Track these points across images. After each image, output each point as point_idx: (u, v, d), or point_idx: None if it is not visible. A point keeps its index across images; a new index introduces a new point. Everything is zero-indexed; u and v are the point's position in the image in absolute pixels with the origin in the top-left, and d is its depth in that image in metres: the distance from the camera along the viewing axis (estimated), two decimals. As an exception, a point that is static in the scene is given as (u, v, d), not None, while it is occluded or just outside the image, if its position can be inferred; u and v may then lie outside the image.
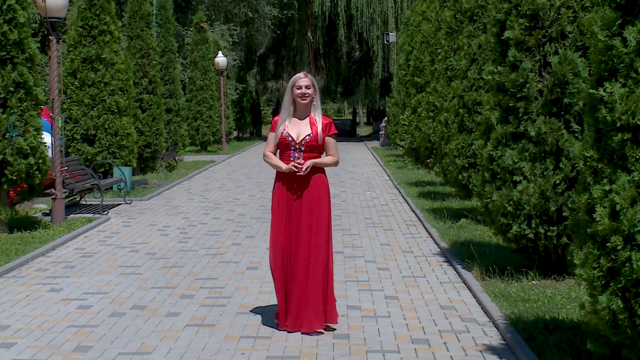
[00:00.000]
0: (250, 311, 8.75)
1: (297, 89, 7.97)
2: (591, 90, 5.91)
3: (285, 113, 8.05)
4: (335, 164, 8.18)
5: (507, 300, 8.86)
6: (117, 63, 20.02)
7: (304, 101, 7.96)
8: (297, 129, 7.98)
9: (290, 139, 7.95)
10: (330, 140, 8.05)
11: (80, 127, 19.81)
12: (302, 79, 7.99)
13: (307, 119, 8.03)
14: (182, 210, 17.54)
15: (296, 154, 7.93)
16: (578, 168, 8.92)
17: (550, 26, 9.69)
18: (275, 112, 55.24)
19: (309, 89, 7.97)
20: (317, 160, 7.96)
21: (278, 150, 8.11)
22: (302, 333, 7.81)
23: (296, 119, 8.04)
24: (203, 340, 7.74)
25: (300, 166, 7.84)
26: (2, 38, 13.45)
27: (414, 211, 16.86)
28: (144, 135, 24.26)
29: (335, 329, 7.98)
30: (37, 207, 17.43)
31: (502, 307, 8.58)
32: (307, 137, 7.93)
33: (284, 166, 7.90)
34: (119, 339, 7.81)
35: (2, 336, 7.87)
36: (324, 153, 8.11)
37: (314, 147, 7.97)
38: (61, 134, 18.18)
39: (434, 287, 10.03)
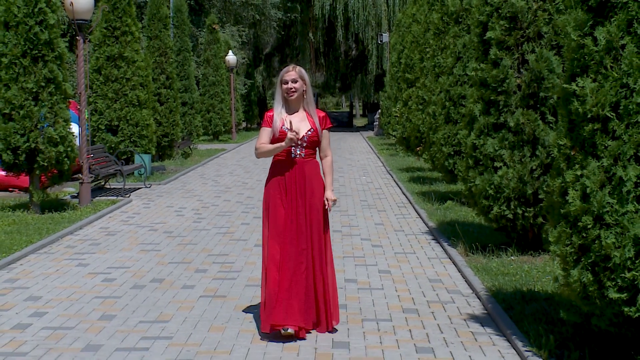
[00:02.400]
0: (258, 284, 8.76)
1: (284, 84, 6.86)
2: (565, 85, 5.89)
3: (279, 107, 6.93)
4: (332, 165, 7.12)
5: (489, 274, 8.87)
6: (138, 61, 20.03)
7: (291, 97, 6.84)
8: (295, 125, 6.83)
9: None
10: (325, 134, 7.01)
11: (105, 118, 19.86)
12: (289, 73, 6.85)
13: (302, 114, 6.93)
14: (196, 194, 17.54)
15: (297, 150, 6.84)
16: (552, 155, 8.90)
17: (527, 27, 9.67)
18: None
19: (296, 82, 6.82)
20: (329, 185, 6.95)
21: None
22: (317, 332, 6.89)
23: (289, 115, 6.92)
24: (215, 310, 7.75)
25: (295, 133, 6.75)
26: (34, 38, 13.45)
27: (404, 194, 16.86)
28: (162, 126, 24.28)
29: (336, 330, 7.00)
30: (66, 190, 17.44)
31: (484, 280, 8.59)
32: (309, 132, 6.84)
33: (284, 142, 6.75)
34: (139, 308, 7.81)
35: (35, 306, 7.88)
36: (320, 150, 7.08)
37: (315, 142, 6.90)
38: (87, 125, 18.16)
39: (422, 262, 10.03)
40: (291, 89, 6.82)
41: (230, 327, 7.14)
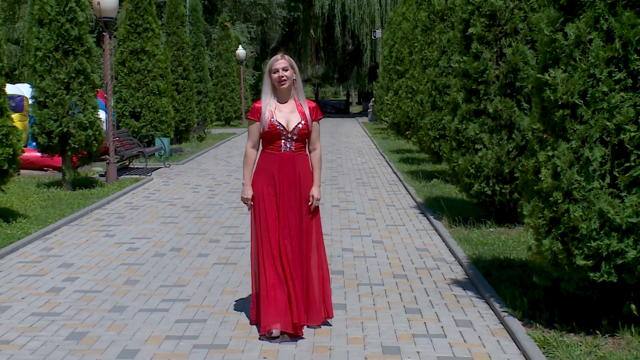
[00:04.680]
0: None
1: (274, 72, 5.86)
2: (538, 75, 5.88)
3: (267, 98, 5.91)
4: (320, 158, 6.09)
5: (470, 243, 8.87)
6: (158, 54, 19.97)
7: (283, 86, 5.86)
8: (285, 116, 5.87)
9: (280, 127, 5.84)
10: (315, 126, 6.01)
11: (129, 105, 19.82)
12: (279, 61, 5.88)
13: (292, 104, 5.94)
14: (210, 173, 17.53)
15: (287, 144, 5.86)
16: (527, 138, 8.89)
17: (505, 24, 9.63)
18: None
19: (287, 71, 5.86)
20: (317, 181, 5.98)
21: (261, 140, 5.98)
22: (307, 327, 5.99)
23: (280, 104, 5.92)
24: (227, 276, 7.76)
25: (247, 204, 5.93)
26: (65, 34, 13.42)
27: (395, 173, 16.85)
28: (179, 113, 24.23)
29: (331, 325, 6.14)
30: (95, 169, 17.44)
31: (466, 249, 8.59)
32: (300, 124, 5.87)
33: (248, 194, 5.89)
34: (160, 274, 7.83)
35: (67, 272, 7.89)
36: (310, 141, 6.05)
37: (305, 135, 5.92)
38: (113, 111, 18.13)
39: (411, 234, 10.04)
40: (282, 77, 5.84)
41: (240, 291, 7.15)
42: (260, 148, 6.02)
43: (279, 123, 5.83)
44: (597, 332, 5.60)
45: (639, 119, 5.32)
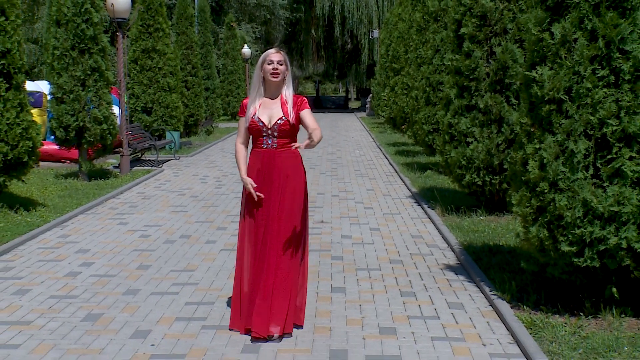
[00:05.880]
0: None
1: (268, 64, 5.33)
2: (526, 73, 5.87)
3: (254, 93, 5.41)
4: (320, 137, 5.16)
5: (461, 231, 8.88)
6: (168, 53, 19.94)
7: (275, 79, 5.32)
8: (269, 112, 5.33)
9: (261, 124, 5.32)
10: (305, 114, 5.35)
11: (141, 101, 19.80)
12: (274, 54, 5.36)
13: (278, 101, 5.38)
14: (217, 164, 17.52)
15: (269, 141, 5.33)
16: (515, 132, 8.90)
17: (495, 24, 9.60)
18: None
19: (281, 65, 5.34)
20: (308, 143, 5.05)
21: (251, 137, 5.49)
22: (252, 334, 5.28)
23: (267, 99, 5.39)
24: (233, 261, 7.72)
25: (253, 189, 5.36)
26: (81, 34, 13.40)
27: (391, 165, 16.85)
28: (188, 108, 24.21)
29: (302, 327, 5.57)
30: (109, 161, 17.44)
31: (458, 236, 8.60)
32: (279, 121, 5.29)
33: (247, 181, 5.39)
34: (170, 259, 7.84)
35: (84, 257, 7.90)
36: (306, 128, 5.33)
37: (287, 131, 5.32)
38: (126, 107, 18.13)
39: (406, 222, 10.04)
40: (276, 69, 5.31)
41: (246, 275, 7.15)
42: (251, 146, 5.54)
43: (259, 119, 5.32)
44: (581, 313, 5.61)
45: (621, 113, 5.32)
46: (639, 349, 4.95)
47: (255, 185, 5.37)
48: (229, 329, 5.53)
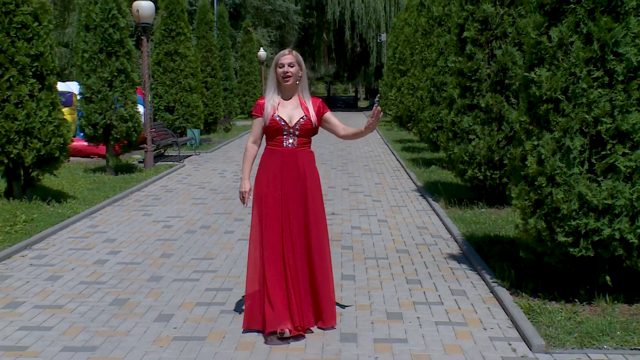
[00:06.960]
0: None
1: (280, 67, 5.03)
2: (525, 74, 5.84)
3: (270, 94, 5.10)
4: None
5: (464, 222, 8.86)
6: (189, 56, 19.97)
7: (287, 82, 5.02)
8: (288, 112, 5.04)
9: (283, 122, 5.02)
10: (329, 115, 5.24)
11: (164, 101, 19.85)
12: (285, 56, 5.04)
13: (296, 101, 5.09)
14: (235, 160, 17.54)
15: (290, 139, 5.05)
16: (515, 129, 8.87)
17: (496, 28, 9.56)
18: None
19: (293, 67, 5.01)
20: (379, 110, 4.97)
21: (264, 137, 5.21)
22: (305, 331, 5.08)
23: (283, 101, 5.09)
24: (250, 250, 7.78)
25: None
26: (109, 37, 13.44)
27: (398, 160, 16.82)
28: (208, 107, 24.24)
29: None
30: (134, 157, 17.49)
31: (460, 228, 8.58)
32: (302, 119, 5.03)
33: (246, 186, 5.35)
34: (191, 248, 7.86)
35: (111, 246, 7.94)
36: (335, 127, 5.30)
37: (308, 131, 5.07)
38: (150, 106, 18.18)
39: (412, 214, 10.03)
40: (287, 72, 5.00)
41: (262, 263, 7.17)
42: (265, 145, 5.26)
43: (281, 118, 5.01)
44: (576, 300, 5.59)
45: (615, 112, 5.29)
46: (630, 333, 4.93)
47: (250, 198, 5.21)
48: (243, 330, 5.11)
